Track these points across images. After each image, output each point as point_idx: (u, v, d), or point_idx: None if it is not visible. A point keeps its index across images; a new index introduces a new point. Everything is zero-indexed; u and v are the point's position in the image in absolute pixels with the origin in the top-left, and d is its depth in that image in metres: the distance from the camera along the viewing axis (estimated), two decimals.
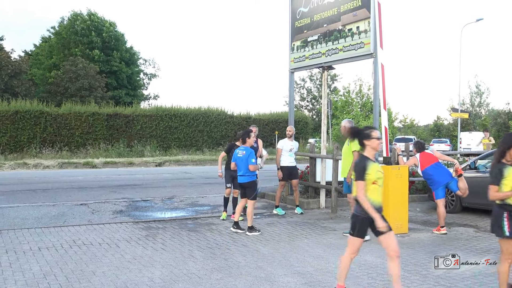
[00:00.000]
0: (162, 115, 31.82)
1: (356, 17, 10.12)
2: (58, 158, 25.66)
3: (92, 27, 43.83)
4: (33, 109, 28.25)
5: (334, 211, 10.72)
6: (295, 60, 12.11)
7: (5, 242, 7.80)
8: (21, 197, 13.05)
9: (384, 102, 9.38)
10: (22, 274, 6.13)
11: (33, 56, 46.23)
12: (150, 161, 26.16)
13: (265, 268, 6.47)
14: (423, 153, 9.18)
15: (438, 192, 8.91)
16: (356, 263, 6.72)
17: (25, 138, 27.80)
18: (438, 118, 60.00)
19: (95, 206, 11.64)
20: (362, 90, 39.40)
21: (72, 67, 36.95)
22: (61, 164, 23.97)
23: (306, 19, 11.71)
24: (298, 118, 36.46)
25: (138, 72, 49.38)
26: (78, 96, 36.23)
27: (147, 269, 6.40)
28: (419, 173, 9.39)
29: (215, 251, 7.36)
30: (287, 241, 8.12)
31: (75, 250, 7.33)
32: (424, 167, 9.04)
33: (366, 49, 9.85)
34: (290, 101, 13.03)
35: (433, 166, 9.00)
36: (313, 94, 62.28)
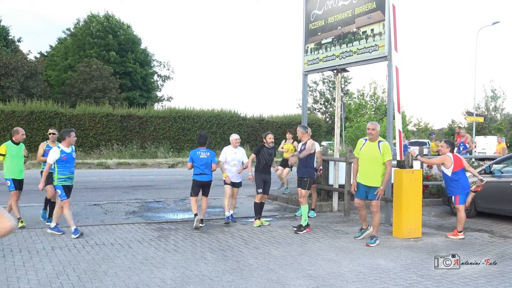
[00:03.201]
0: (176, 116, 31.94)
1: (371, 19, 10.06)
2: None
3: (109, 29, 44.17)
4: (48, 109, 28.56)
5: (347, 214, 10.66)
6: (308, 62, 12.07)
7: (18, 241, 7.86)
8: (35, 197, 13.13)
9: (398, 105, 9.32)
10: (35, 273, 6.17)
11: (48, 58, 46.68)
12: (163, 162, 26.25)
13: (277, 271, 6.44)
14: (454, 155, 8.95)
15: (463, 197, 8.74)
16: (368, 267, 6.67)
17: (40, 138, 27.98)
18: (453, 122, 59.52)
19: (108, 207, 11.70)
20: (377, 93, 39.19)
21: (87, 69, 37.23)
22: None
23: (320, 21, 11.67)
24: (311, 121, 36.37)
25: (152, 74, 49.64)
26: (92, 97, 36.50)
27: (158, 270, 6.41)
28: (446, 173, 8.86)
29: (227, 253, 7.35)
30: (299, 244, 8.09)
31: (87, 250, 7.37)
32: (456, 169, 8.73)
33: (380, 51, 9.79)
34: (304, 104, 12.98)
35: (462, 170, 8.79)
36: (326, 97, 62.11)
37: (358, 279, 6.16)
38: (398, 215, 8.79)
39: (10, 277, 5.97)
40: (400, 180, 8.77)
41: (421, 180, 8.93)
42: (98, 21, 44.47)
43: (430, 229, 9.48)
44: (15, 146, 9.31)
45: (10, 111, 27.52)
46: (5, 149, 9.15)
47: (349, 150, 10.69)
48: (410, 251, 7.66)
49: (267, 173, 9.79)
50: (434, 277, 6.29)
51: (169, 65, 58.26)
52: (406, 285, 5.93)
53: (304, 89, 12.68)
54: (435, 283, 6.04)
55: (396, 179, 8.90)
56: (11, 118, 27.46)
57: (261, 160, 9.70)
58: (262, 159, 9.70)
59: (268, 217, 10.69)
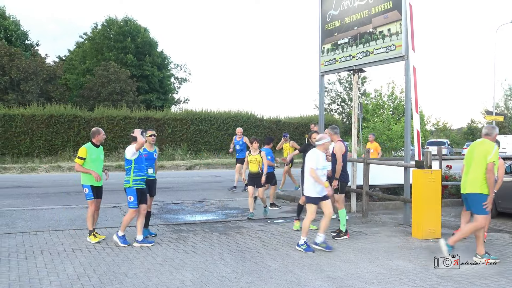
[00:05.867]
0: (193, 118, 32.09)
1: (387, 19, 10.01)
2: None
3: (127, 32, 44.56)
4: (67, 113, 28.90)
5: (365, 215, 10.61)
6: (325, 63, 12.05)
7: (40, 243, 7.98)
8: (56, 200, 13.33)
9: (416, 105, 9.26)
10: (57, 274, 6.26)
11: (67, 62, 47.20)
12: (180, 164, 26.39)
13: (295, 272, 6.45)
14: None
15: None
16: (387, 268, 6.64)
17: (59, 142, 28.42)
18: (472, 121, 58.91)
19: (127, 209, 11.75)
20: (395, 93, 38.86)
21: (104, 72, 37.58)
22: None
23: (336, 21, 11.64)
24: (328, 121, 36.12)
25: (169, 77, 49.90)
26: (110, 100, 36.82)
27: (178, 271, 6.45)
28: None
29: (245, 255, 7.37)
30: None
31: (107, 252, 7.45)
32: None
33: (397, 51, 9.73)
34: (320, 105, 12.96)
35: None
36: (342, 98, 61.79)
37: (377, 280, 6.13)
38: (417, 216, 8.73)
39: (33, 279, 6.07)
40: (419, 180, 8.70)
41: (440, 180, 8.86)
42: (117, 25, 44.88)
43: (450, 230, 9.38)
44: (96, 148, 8.40)
45: (30, 115, 27.91)
46: (86, 152, 8.18)
47: (367, 150, 10.63)
48: (429, 252, 7.59)
49: None
50: (454, 278, 6.24)
51: (186, 67, 58.43)
52: (426, 286, 5.90)
53: (320, 90, 12.66)
54: (456, 284, 5.99)
55: (415, 179, 8.84)
56: (31, 122, 27.84)
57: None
58: None
59: (287, 218, 10.69)
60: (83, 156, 8.12)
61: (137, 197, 7.91)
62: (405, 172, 9.86)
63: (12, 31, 41.67)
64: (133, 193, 7.89)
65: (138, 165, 7.96)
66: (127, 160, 7.92)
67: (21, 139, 27.71)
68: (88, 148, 8.24)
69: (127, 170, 7.98)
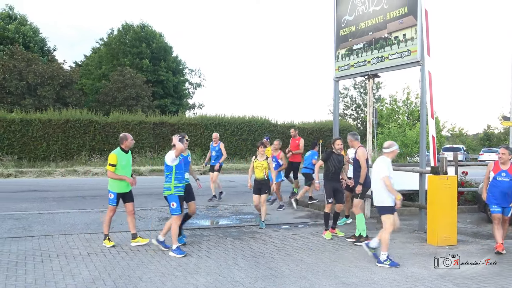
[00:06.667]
0: (207, 123, 32.21)
1: (403, 24, 9.97)
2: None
3: (143, 38, 44.94)
4: (83, 118, 29.20)
5: (379, 221, 10.52)
6: (340, 68, 12.03)
7: (56, 246, 8.05)
8: (71, 204, 13.45)
9: (431, 110, 9.19)
10: (72, 278, 6.31)
11: (83, 67, 47.70)
12: (195, 169, 26.30)
13: (309, 278, 6.43)
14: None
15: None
16: (402, 275, 6.60)
17: (75, 146, 28.69)
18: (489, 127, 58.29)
19: (141, 213, 11.86)
20: (410, 98, 38.64)
21: (120, 77, 37.89)
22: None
23: (351, 27, 11.63)
24: (343, 127, 36.08)
25: (184, 82, 50.16)
26: (125, 105, 37.11)
27: (192, 276, 6.47)
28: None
29: (259, 260, 7.37)
30: (331, 251, 8.04)
31: (122, 256, 7.49)
32: None
33: (412, 57, 9.68)
34: (335, 110, 12.92)
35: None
36: (357, 103, 61.60)
37: (391, 286, 6.09)
38: (433, 222, 8.66)
39: (49, 282, 6.12)
40: (435, 186, 8.64)
41: (456, 187, 8.78)
42: (134, 31, 45.29)
43: (465, 237, 9.30)
44: (125, 154, 8.22)
45: (46, 119, 28.24)
46: (116, 158, 8.02)
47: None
48: None
49: (337, 181, 9.33)
50: (471, 285, 6.17)
51: (200, 72, 58.66)
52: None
53: (335, 95, 12.63)
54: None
55: (430, 185, 8.78)
56: (48, 126, 28.16)
57: (330, 168, 9.20)
58: (332, 166, 9.18)
59: (300, 224, 10.67)
60: (114, 162, 7.99)
61: (180, 203, 7.80)
62: (421, 178, 9.80)
63: (30, 37, 42.22)
64: (175, 199, 7.77)
65: (179, 172, 7.85)
66: (168, 166, 7.80)
67: (37, 144, 28.04)
68: (118, 154, 8.09)
69: (167, 177, 7.84)
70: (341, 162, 9.33)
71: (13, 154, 27.06)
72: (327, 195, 9.25)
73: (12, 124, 27.55)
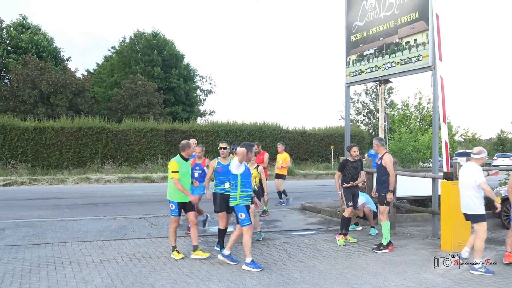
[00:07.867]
0: (218, 130, 32.30)
1: (414, 29, 9.94)
2: (119, 173, 26.44)
3: (154, 45, 45.25)
4: (95, 125, 29.42)
5: (392, 227, 10.45)
6: (351, 74, 12.01)
7: (69, 253, 8.09)
8: (84, 211, 13.52)
9: (444, 115, 9.13)
10: (85, 285, 6.33)
11: (95, 75, 48.09)
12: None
13: (322, 285, 6.39)
14: None
15: None
16: (416, 281, 6.53)
17: (87, 154, 28.90)
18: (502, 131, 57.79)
19: (153, 220, 11.89)
20: (422, 103, 38.42)
21: (132, 85, 38.13)
22: (121, 178, 24.69)
23: (362, 32, 11.61)
24: (354, 132, 35.98)
25: (195, 89, 50.35)
26: (137, 113, 37.31)
27: (204, 283, 6.46)
28: None
29: (271, 267, 7.34)
30: (344, 257, 7.99)
31: (134, 263, 7.51)
32: None
33: (424, 62, 9.64)
34: (346, 116, 12.89)
35: None
36: (369, 108, 61.36)
37: None
38: (446, 228, 8.58)
39: None
40: (448, 192, 8.57)
41: None
42: (145, 38, 45.60)
43: None
44: (185, 162, 7.92)
45: (59, 127, 28.49)
46: (177, 165, 7.72)
47: (394, 162, 10.50)
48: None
49: (355, 186, 9.48)
50: None
51: (211, 79, 58.95)
52: None
53: (346, 101, 12.60)
54: None
55: (444, 191, 8.71)
56: (61, 134, 28.41)
57: (347, 175, 9.34)
58: (348, 174, 9.34)
59: (312, 230, 10.63)
60: (176, 169, 7.68)
61: (248, 213, 7.39)
62: (433, 183, 9.72)
63: (43, 47, 42.63)
64: (243, 210, 7.37)
65: (245, 181, 7.42)
66: (233, 175, 7.45)
67: (50, 151, 28.29)
68: (178, 162, 7.79)
69: (233, 186, 7.52)
70: (357, 168, 9.40)
71: (27, 162, 27.32)
72: (346, 199, 9.29)
73: (26, 132, 27.84)
